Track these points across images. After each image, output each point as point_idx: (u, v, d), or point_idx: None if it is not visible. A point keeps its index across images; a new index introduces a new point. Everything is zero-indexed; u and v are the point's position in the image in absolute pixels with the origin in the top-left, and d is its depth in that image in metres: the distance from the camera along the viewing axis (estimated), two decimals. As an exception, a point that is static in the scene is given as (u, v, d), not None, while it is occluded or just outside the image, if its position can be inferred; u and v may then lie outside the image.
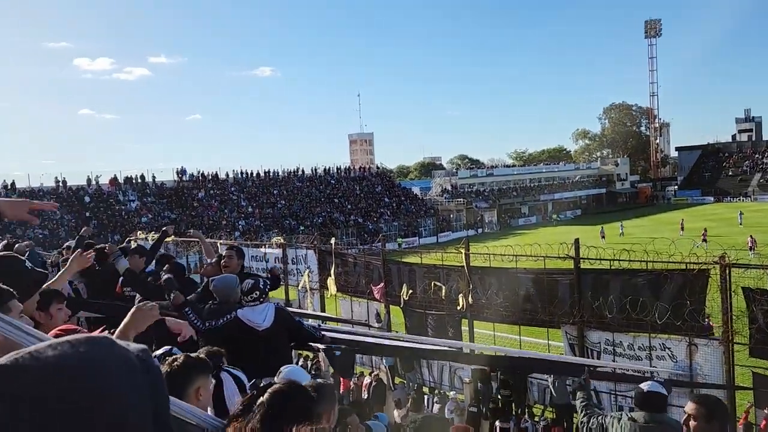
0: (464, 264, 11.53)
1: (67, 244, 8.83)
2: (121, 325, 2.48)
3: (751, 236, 31.49)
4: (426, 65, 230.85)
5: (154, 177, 54.45)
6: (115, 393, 0.70)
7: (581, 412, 4.36)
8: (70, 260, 3.43)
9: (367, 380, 12.79)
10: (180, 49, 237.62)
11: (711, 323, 9.10)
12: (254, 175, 61.64)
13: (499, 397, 11.71)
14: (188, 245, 22.07)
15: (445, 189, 76.03)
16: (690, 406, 3.36)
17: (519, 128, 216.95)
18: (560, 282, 10.42)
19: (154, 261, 7.04)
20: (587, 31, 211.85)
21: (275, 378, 3.10)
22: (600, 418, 4.04)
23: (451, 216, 68.43)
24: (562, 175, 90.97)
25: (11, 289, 2.25)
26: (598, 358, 9.75)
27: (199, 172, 58.11)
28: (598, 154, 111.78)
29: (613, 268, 9.92)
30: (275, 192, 60.37)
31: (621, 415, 3.86)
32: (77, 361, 0.70)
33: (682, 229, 42.07)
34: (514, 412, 11.12)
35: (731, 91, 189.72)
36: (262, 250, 16.44)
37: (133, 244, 10.13)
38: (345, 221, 58.56)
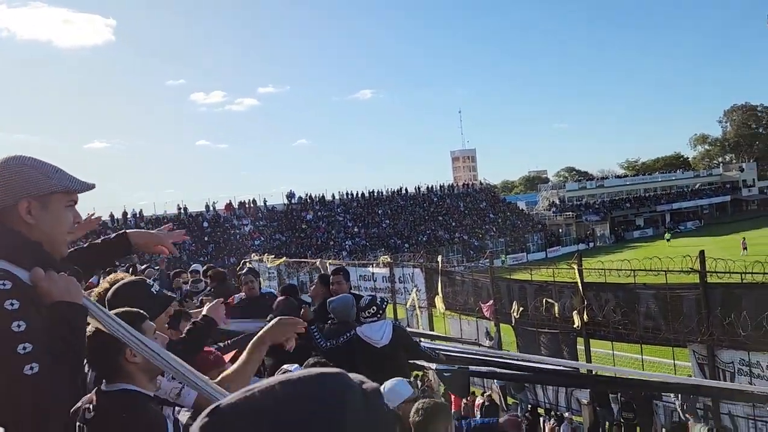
0: (577, 280, 11.10)
1: (192, 267, 9.41)
2: (259, 335, 2.59)
3: None
4: (527, 79, 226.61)
5: (265, 201, 57.27)
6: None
7: None
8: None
9: (479, 400, 12.58)
10: (285, 78, 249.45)
11: None
12: (359, 195, 63.07)
13: (622, 420, 11.09)
14: (299, 266, 22.93)
15: (553, 202, 73.73)
16: None
17: (630, 137, 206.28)
18: (685, 297, 9.75)
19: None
20: (701, 30, 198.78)
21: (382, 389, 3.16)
22: None
23: (560, 230, 66.20)
24: (680, 184, 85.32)
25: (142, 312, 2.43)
26: (732, 380, 8.99)
27: (306, 194, 60.40)
28: (720, 159, 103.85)
29: (745, 281, 9.15)
30: (380, 212, 61.39)
31: None
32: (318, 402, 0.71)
33: None
34: (638, 437, 10.48)
35: None
36: (370, 269, 16.73)
37: (247, 267, 10.66)
38: (450, 239, 58.35)
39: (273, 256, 21.16)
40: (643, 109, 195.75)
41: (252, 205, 56.45)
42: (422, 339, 9.91)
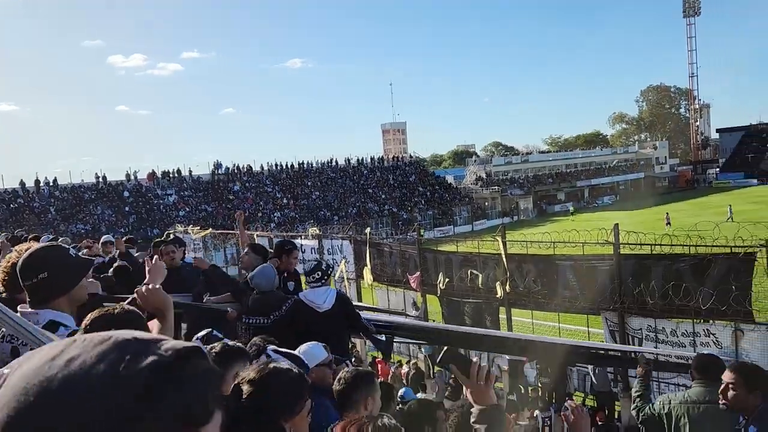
0: (501, 252, 11.45)
1: (104, 239, 8.92)
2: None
3: None
4: (457, 53, 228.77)
5: (190, 171, 55.49)
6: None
7: (634, 401, 4.26)
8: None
9: (405, 369, 12.85)
10: (211, 44, 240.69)
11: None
12: (288, 166, 62.20)
13: (539, 385, 11.65)
14: (226, 237, 22.46)
15: (480, 177, 75.38)
16: (728, 375, 3.26)
17: (554, 114, 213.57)
18: (599, 268, 10.26)
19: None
20: (622, 12, 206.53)
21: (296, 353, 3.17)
22: (648, 408, 3.94)
23: (486, 204, 67.92)
24: (598, 160, 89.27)
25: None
26: (640, 345, 9.59)
27: (234, 165, 58.98)
28: (636, 137, 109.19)
29: (654, 253, 9.72)
30: (309, 183, 60.83)
31: (671, 397, 3.76)
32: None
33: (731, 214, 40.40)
34: (554, 401, 11.04)
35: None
36: (299, 241, 16.60)
37: (173, 237, 10.32)
38: (379, 211, 58.70)
39: (198, 227, 20.62)
40: (567, 87, 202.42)
41: (176, 174, 54.56)
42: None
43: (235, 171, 58.25)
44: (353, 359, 13.07)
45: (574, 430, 3.41)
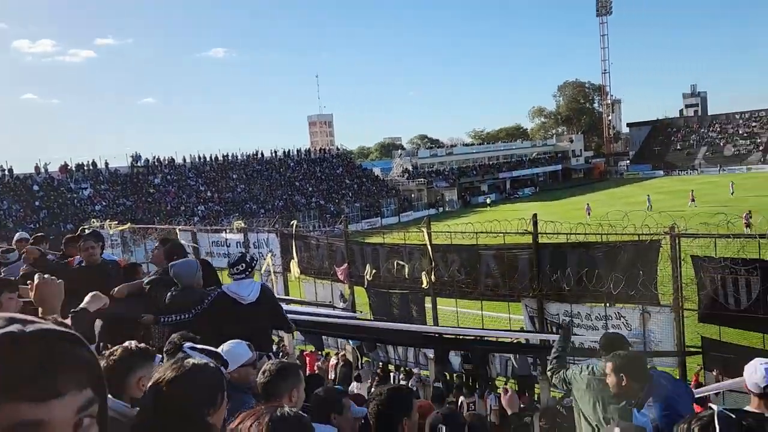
0: (426, 242, 11.67)
1: (18, 236, 8.41)
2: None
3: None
4: (384, 46, 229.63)
5: (107, 163, 52.98)
6: None
7: (550, 362, 4.47)
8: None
9: (333, 361, 12.89)
10: (128, 30, 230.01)
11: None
12: (212, 159, 60.59)
13: (463, 371, 11.97)
14: (146, 232, 21.65)
15: (406, 169, 76.22)
16: (612, 380, 3.51)
17: (477, 107, 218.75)
18: (520, 257, 10.66)
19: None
20: (542, 11, 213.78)
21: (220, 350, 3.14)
22: (562, 372, 4.18)
23: (413, 195, 68.80)
24: (519, 153, 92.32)
25: None
26: (557, 330, 10.06)
27: (154, 157, 56.82)
28: (554, 131, 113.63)
29: (570, 241, 10.20)
30: (234, 176, 59.54)
31: (583, 367, 4.01)
32: None
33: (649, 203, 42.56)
34: (477, 386, 11.38)
35: (679, 66, 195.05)
36: (223, 235, 16.28)
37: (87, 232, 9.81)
38: (306, 204, 58.27)
39: (116, 222, 19.77)
40: (490, 82, 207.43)
41: (92, 167, 51.94)
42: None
43: (156, 163, 56.14)
44: (279, 352, 12.99)
45: (508, 406, 3.64)
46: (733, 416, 1.53)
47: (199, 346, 2.93)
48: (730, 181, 52.90)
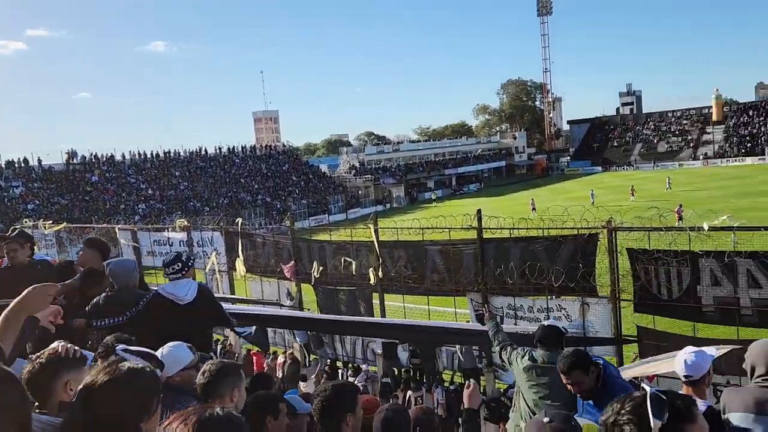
0: (373, 239, 11.71)
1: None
2: (11, 306, 2.38)
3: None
4: (330, 42, 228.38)
5: (40, 160, 50.73)
6: None
7: (494, 340, 4.60)
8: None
9: (281, 359, 12.79)
10: (62, 21, 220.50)
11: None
12: (153, 156, 58.91)
13: (411, 366, 12.10)
14: (83, 231, 20.87)
15: (353, 166, 76.18)
16: (564, 379, 3.66)
17: (423, 104, 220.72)
18: (465, 252, 10.84)
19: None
20: (485, 9, 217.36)
21: (159, 354, 3.06)
22: (507, 352, 4.32)
23: (360, 192, 68.82)
24: (464, 150, 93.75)
25: None
26: (501, 322, 10.28)
27: (91, 154, 54.82)
28: (498, 128, 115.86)
29: (513, 236, 10.44)
30: (177, 173, 58.05)
31: (525, 353, 4.15)
32: None
33: (592, 197, 43.94)
34: (425, 380, 11.53)
35: (616, 66, 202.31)
36: (166, 234, 15.86)
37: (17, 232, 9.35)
38: (252, 201, 57.42)
39: (51, 221, 18.96)
40: (436, 79, 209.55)
41: (23, 164, 49.60)
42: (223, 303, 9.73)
43: (93, 160, 54.13)
44: (225, 352, 12.81)
45: (470, 398, 3.72)
46: (665, 397, 1.59)
47: (133, 348, 2.84)
48: (666, 177, 55.36)
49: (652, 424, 1.52)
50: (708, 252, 8.31)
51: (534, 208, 40.76)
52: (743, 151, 78.74)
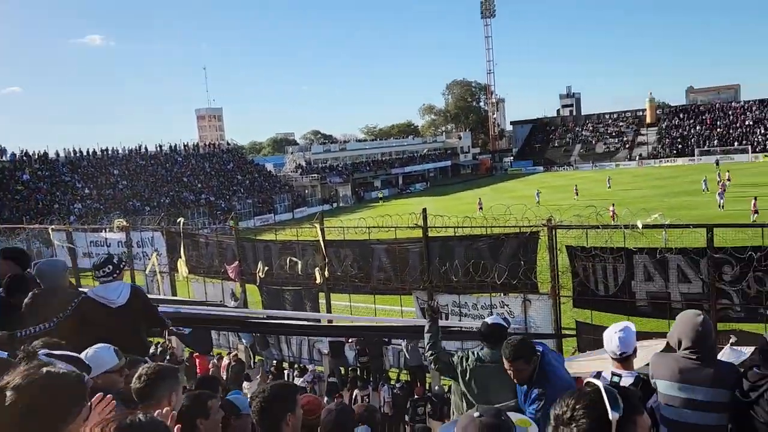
0: (319, 238, 11.66)
1: None
2: None
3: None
4: (275, 39, 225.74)
5: (-35, 158, 48.10)
6: None
7: (427, 350, 4.59)
8: None
9: (225, 361, 12.56)
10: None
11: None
12: (90, 153, 56.77)
13: (358, 365, 12.12)
14: (12, 232, 19.91)
15: (299, 165, 75.62)
16: (507, 365, 3.76)
17: (370, 104, 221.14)
18: (411, 250, 10.93)
19: None
20: (432, 9, 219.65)
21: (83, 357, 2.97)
22: (447, 358, 4.34)
23: (306, 191, 68.38)
24: (411, 149, 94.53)
25: None
26: (446, 320, 10.43)
27: (22, 151, 52.30)
28: (443, 128, 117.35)
29: (457, 234, 10.60)
30: (115, 172, 56.12)
31: (469, 353, 4.19)
32: None
33: (538, 195, 45.17)
34: (372, 379, 11.56)
35: (557, 68, 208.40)
36: (103, 234, 15.32)
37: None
38: (195, 200, 56.14)
39: (-23, 222, 18.02)
40: (383, 79, 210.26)
41: (-54, 162, 46.94)
42: (163, 305, 9.48)
43: (24, 158, 51.69)
44: (167, 355, 12.49)
45: None
46: (616, 391, 1.62)
47: (57, 352, 2.73)
48: (607, 176, 57.47)
49: (610, 417, 1.53)
50: (642, 249, 8.66)
51: (481, 207, 41.57)
52: (675, 152, 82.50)
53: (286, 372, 12.33)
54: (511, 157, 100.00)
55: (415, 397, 10.26)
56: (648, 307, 8.76)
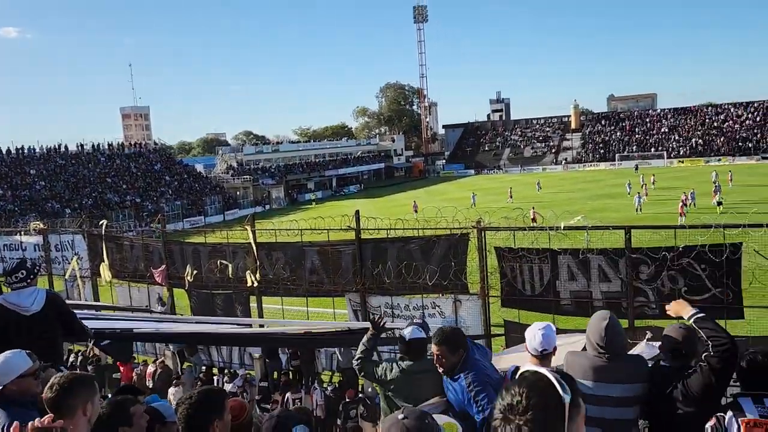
0: (251, 240, 11.47)
1: None
2: None
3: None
4: (204, 37, 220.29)
5: None
6: None
7: (357, 358, 4.54)
8: None
9: (151, 368, 12.14)
10: None
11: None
12: (4, 152, 53.54)
13: (290, 368, 11.99)
14: None
15: (231, 166, 74.06)
16: (435, 348, 3.81)
17: (304, 105, 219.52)
18: (344, 253, 10.93)
19: None
20: (366, 12, 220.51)
21: None
22: (372, 369, 4.30)
23: (238, 193, 67.09)
24: (345, 151, 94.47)
25: None
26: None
27: (-74, 149, 48.73)
28: (377, 131, 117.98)
29: (390, 236, 10.68)
30: (32, 171, 53.14)
31: (392, 365, 4.17)
32: None
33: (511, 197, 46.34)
34: (304, 382, 11.47)
35: (487, 73, 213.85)
36: (18, 237, 14.49)
37: None
38: (120, 202, 53.94)
39: None
40: (316, 80, 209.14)
41: None
42: (84, 310, 9.07)
43: (-71, 156, 48.19)
44: (90, 362, 11.96)
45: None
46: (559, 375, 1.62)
47: None
48: (537, 180, 59.43)
49: (564, 401, 1.51)
50: (566, 249, 9.02)
51: (416, 210, 42.13)
52: (597, 156, 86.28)
53: (216, 378, 12.03)
54: (444, 161, 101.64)
55: (347, 399, 10.25)
56: (571, 306, 9.12)
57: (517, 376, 1.66)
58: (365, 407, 9.17)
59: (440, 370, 3.82)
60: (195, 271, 12.01)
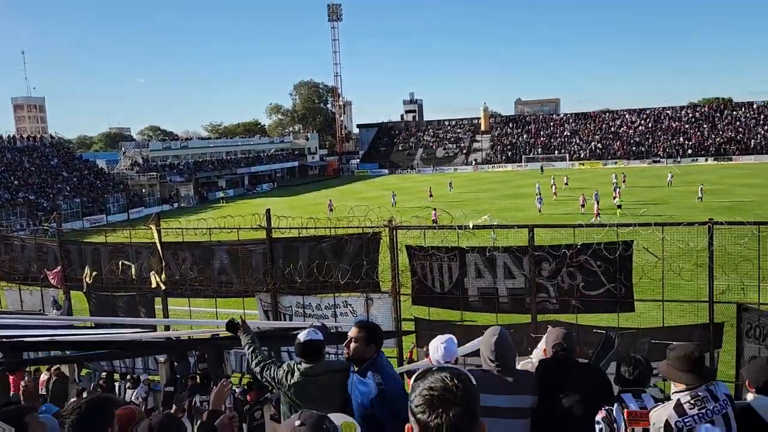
0: (156, 240, 11.01)
1: None
2: None
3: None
4: (106, 24, 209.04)
5: None
6: None
7: (252, 359, 4.44)
8: None
9: (44, 376, 11.37)
10: None
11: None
12: None
13: (198, 371, 11.61)
14: None
15: (136, 162, 70.79)
16: (354, 331, 3.85)
17: (214, 101, 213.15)
18: (254, 252, 10.72)
19: None
20: (280, 9, 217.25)
21: None
22: (272, 371, 4.23)
23: (144, 191, 64.31)
24: (257, 149, 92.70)
25: None
26: (291, 320, 10.38)
27: None
28: (291, 129, 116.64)
29: (301, 235, 10.59)
30: None
31: (293, 367, 4.12)
32: None
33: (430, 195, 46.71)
34: (212, 385, 11.14)
35: (400, 74, 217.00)
36: None
37: None
38: (11, 199, 50.16)
39: None
40: (228, 76, 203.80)
41: None
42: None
43: None
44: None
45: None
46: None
47: None
48: (449, 180, 60.87)
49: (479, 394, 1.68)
50: (473, 248, 9.30)
51: (332, 209, 41.97)
52: (505, 158, 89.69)
53: (117, 384, 11.46)
54: (358, 160, 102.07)
55: (250, 403, 10.06)
56: (479, 302, 9.42)
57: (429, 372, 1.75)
58: (275, 408, 9.01)
59: (346, 354, 3.83)
60: (94, 273, 11.39)
